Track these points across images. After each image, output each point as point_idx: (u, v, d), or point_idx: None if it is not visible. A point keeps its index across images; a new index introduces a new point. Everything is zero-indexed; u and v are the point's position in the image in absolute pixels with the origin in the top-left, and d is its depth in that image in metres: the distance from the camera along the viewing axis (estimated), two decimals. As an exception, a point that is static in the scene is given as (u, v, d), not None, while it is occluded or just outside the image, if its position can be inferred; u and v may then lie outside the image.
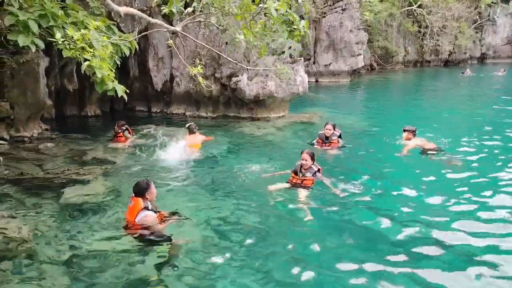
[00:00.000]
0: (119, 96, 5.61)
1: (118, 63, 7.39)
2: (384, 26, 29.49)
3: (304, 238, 4.98)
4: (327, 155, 8.41)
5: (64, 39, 5.02)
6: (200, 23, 11.99)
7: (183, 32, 7.99)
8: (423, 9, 31.24)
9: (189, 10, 8.10)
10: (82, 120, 12.60)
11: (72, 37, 4.99)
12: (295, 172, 6.53)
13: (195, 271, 4.27)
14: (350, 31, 22.96)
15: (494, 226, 5.19)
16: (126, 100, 6.20)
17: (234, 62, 8.62)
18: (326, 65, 23.82)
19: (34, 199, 6.05)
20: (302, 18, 11.59)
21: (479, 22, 36.87)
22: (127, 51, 7.39)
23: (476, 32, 37.11)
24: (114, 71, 5.77)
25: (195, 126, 9.35)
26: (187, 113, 13.08)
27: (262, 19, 7.42)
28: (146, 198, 4.77)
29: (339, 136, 8.77)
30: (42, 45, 7.03)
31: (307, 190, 6.24)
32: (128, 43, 7.12)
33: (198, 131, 9.36)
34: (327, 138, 8.67)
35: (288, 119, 12.35)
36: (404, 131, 8.64)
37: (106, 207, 5.80)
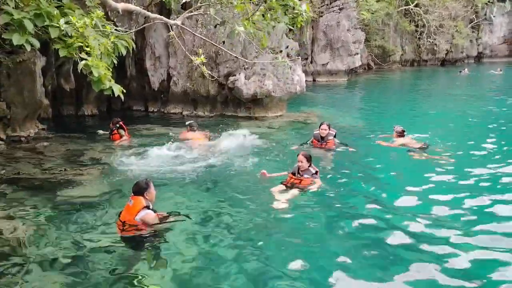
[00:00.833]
0: (116, 95, 5.60)
1: (115, 62, 7.36)
2: (381, 25, 29.58)
3: (304, 238, 4.98)
4: (323, 155, 8.41)
5: (67, 26, 4.98)
6: (197, 22, 11.99)
7: (182, 25, 7.93)
8: (420, 8, 31.35)
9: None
10: (79, 119, 12.57)
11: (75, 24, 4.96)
12: (293, 173, 6.55)
13: (191, 270, 4.26)
14: (347, 30, 23.01)
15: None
16: (123, 100, 6.19)
17: (234, 55, 8.56)
18: (323, 64, 23.87)
19: (30, 198, 6.03)
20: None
21: (475, 21, 37.01)
22: (123, 50, 7.36)
23: (473, 31, 37.27)
24: (111, 70, 5.75)
25: (196, 125, 9.41)
26: (184, 112, 13.06)
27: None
28: (145, 198, 4.76)
29: (334, 136, 8.77)
30: (37, 44, 6.97)
31: (302, 190, 6.24)
32: (125, 41, 7.08)
33: (198, 130, 9.46)
34: (322, 138, 8.65)
35: (285, 118, 12.35)
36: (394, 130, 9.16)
37: (103, 207, 5.78)
